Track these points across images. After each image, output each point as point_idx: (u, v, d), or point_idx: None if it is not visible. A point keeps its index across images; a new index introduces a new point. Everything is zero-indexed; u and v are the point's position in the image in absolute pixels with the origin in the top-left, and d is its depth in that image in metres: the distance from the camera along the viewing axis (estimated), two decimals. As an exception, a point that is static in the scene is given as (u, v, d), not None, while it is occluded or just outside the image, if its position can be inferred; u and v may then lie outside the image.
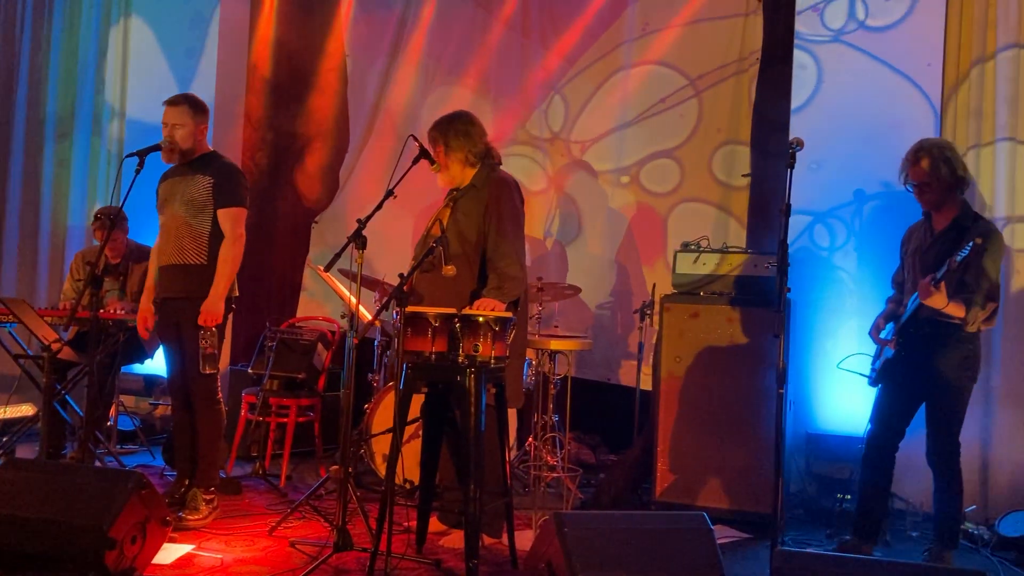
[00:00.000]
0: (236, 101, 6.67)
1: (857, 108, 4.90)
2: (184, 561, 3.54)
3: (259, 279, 6.62)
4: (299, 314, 6.47)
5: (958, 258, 3.48)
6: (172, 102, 4.21)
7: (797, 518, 4.60)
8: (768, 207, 5.25)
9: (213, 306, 4.09)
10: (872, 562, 3.26)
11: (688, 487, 4.43)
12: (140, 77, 6.86)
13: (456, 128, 3.93)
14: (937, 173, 3.76)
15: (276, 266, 6.87)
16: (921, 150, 3.81)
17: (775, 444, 3.35)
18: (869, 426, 3.99)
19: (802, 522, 4.56)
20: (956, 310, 3.67)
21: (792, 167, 3.41)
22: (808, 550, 3.98)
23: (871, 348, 4.12)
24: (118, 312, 4.88)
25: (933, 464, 3.82)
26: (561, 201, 6.10)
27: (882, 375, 3.98)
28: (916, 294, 3.73)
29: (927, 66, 4.79)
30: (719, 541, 3.07)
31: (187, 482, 4.21)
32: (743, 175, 5.43)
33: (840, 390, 4.72)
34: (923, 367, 3.79)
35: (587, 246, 6.00)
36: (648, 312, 5.10)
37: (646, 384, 4.97)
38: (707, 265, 4.57)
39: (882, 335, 4.03)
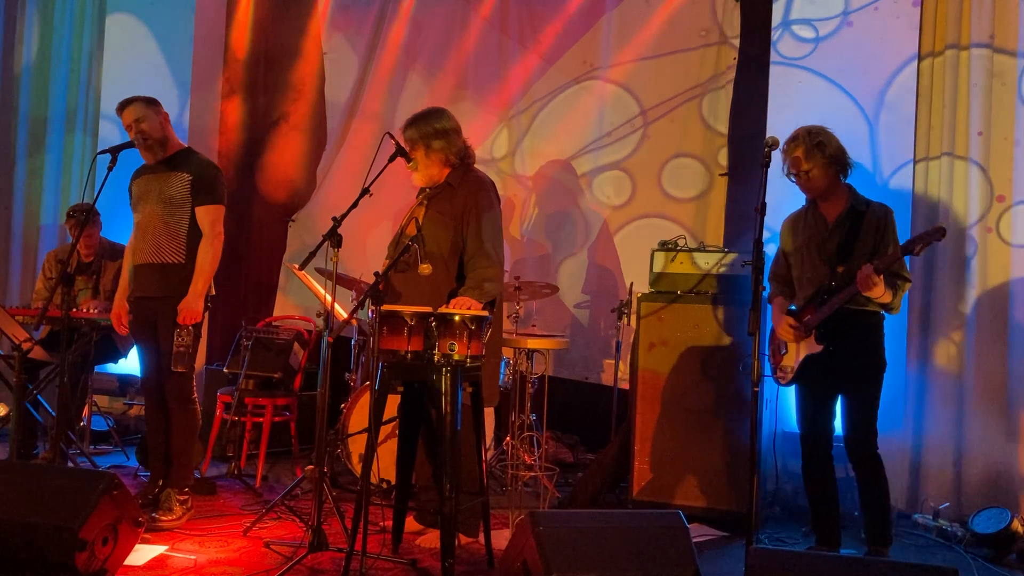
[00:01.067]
0: (212, 96, 6.62)
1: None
2: (157, 562, 3.51)
3: (235, 278, 6.58)
4: (276, 313, 6.43)
5: (917, 252, 3.49)
6: (122, 106, 4.19)
7: (773, 516, 4.62)
8: (742, 207, 5.27)
9: (192, 304, 4.06)
10: (846, 559, 3.28)
11: (665, 486, 4.45)
12: (120, 73, 6.74)
13: (436, 128, 3.86)
14: (812, 158, 3.74)
15: (252, 265, 6.83)
16: (796, 139, 3.79)
17: (751, 442, 3.35)
18: (800, 430, 3.90)
19: (778, 520, 4.59)
20: (887, 296, 3.65)
21: (767, 166, 3.42)
22: (783, 548, 4.02)
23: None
24: (91, 311, 4.82)
25: (857, 457, 3.73)
26: (539, 201, 6.09)
27: (802, 373, 3.86)
28: (827, 284, 3.70)
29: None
30: (695, 539, 3.08)
31: (161, 482, 4.18)
32: (720, 174, 5.44)
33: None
34: (844, 358, 3.73)
35: (565, 246, 6.00)
36: (625, 311, 5.11)
37: (624, 383, 4.98)
38: (684, 264, 4.58)
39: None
